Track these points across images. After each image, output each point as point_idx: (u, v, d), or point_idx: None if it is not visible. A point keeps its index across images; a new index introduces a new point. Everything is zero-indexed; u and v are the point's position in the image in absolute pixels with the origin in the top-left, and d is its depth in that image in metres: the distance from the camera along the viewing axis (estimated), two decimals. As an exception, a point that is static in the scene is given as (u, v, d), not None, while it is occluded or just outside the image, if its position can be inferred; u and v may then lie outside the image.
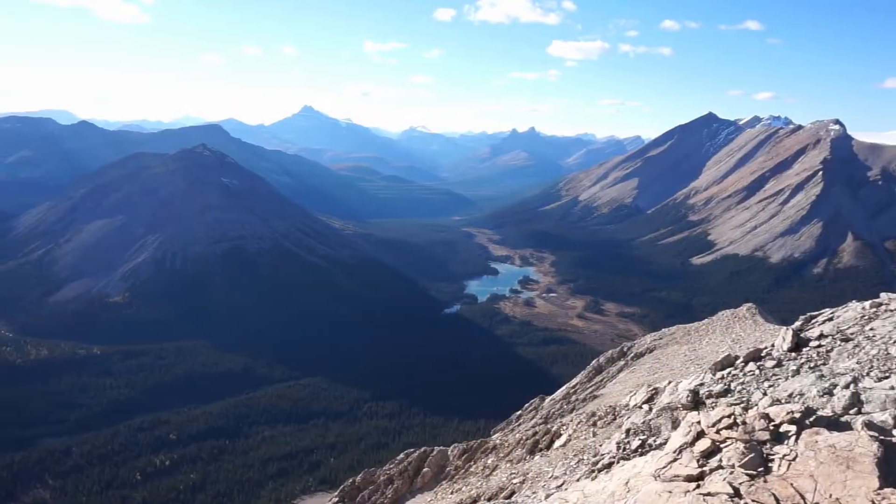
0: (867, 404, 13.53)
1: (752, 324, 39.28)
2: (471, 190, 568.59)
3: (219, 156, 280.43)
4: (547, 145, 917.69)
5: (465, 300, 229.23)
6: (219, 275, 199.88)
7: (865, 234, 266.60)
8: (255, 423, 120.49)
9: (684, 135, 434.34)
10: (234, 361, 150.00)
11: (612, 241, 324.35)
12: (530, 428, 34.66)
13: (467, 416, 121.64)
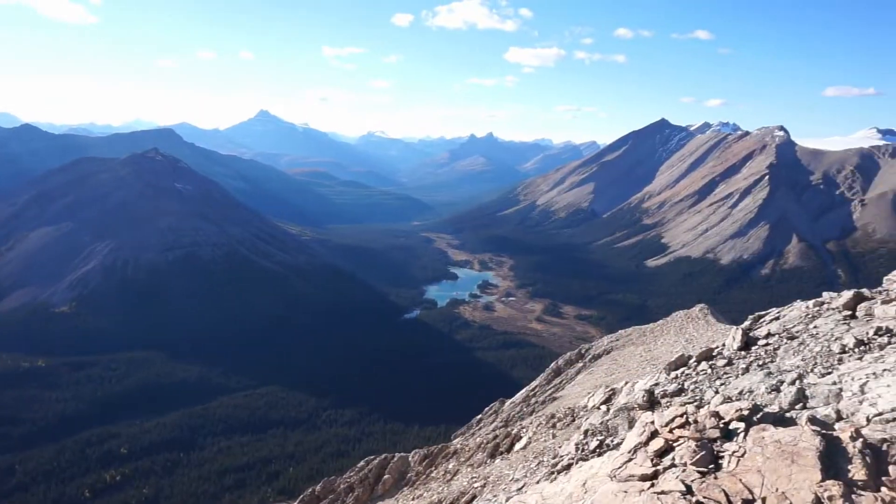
0: (812, 399, 14.06)
1: (705, 324, 40.35)
2: (429, 195, 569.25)
3: (171, 160, 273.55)
4: (505, 150, 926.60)
5: (425, 305, 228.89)
6: (172, 282, 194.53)
7: (809, 236, 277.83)
8: (211, 434, 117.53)
9: (638, 140, 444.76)
10: (188, 371, 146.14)
11: (569, 245, 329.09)
12: (491, 432, 34.80)
13: (428, 421, 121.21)
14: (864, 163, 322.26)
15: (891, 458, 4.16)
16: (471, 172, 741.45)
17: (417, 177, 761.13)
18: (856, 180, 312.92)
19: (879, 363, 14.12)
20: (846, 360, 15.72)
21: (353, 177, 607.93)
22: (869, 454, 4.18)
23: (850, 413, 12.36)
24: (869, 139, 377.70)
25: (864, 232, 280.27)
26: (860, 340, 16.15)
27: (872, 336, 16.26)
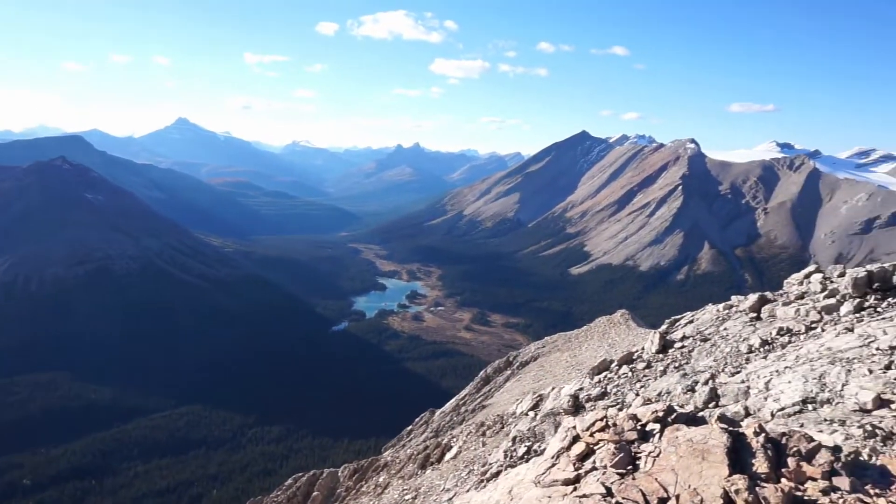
0: (723, 398, 14.91)
1: (626, 329, 41.84)
2: (356, 205, 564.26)
3: (80, 169, 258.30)
4: (431, 161, 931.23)
5: (353, 317, 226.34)
6: (81, 298, 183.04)
7: (719, 243, 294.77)
8: (127, 459, 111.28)
9: (560, 152, 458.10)
10: (100, 393, 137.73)
11: (496, 254, 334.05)
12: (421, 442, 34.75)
13: (358, 435, 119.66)
14: (765, 174, 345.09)
15: (790, 451, 4.50)
16: (398, 182, 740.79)
17: (344, 187, 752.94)
18: (759, 190, 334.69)
19: (782, 361, 15.15)
20: (753, 360, 16.77)
21: (278, 187, 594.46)
22: (770, 448, 4.51)
23: (757, 409, 13.18)
24: (769, 152, 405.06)
25: (767, 238, 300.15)
26: (765, 340, 17.27)
27: (775, 336, 17.43)
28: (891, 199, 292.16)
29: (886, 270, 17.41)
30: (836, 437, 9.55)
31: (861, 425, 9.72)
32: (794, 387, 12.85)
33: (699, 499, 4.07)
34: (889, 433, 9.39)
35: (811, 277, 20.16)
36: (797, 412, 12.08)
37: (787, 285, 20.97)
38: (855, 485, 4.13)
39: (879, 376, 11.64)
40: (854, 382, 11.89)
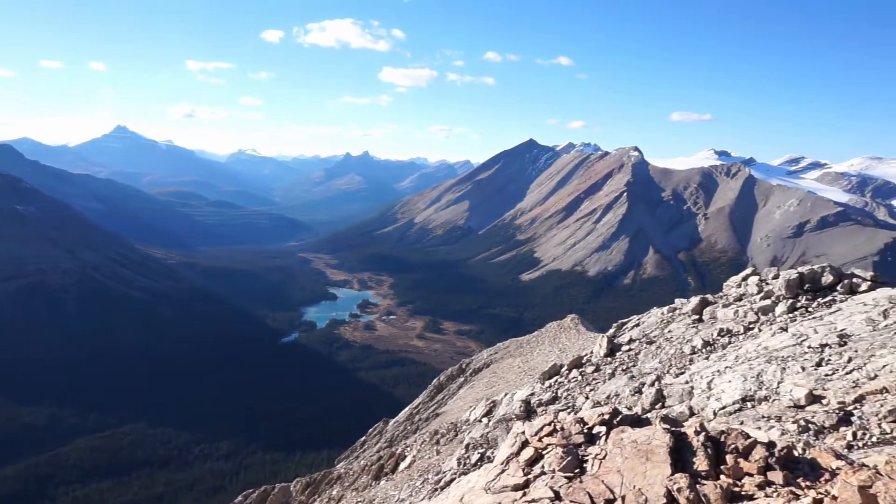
0: (669, 398, 15.40)
1: (576, 333, 42.61)
2: (305, 214, 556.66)
3: (10, 179, 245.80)
4: (381, 169, 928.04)
5: (304, 328, 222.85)
6: (12, 316, 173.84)
7: (663, 248, 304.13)
8: (64, 483, 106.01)
9: (509, 159, 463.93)
10: (34, 415, 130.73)
11: (447, 262, 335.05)
12: (375, 453, 34.46)
13: (310, 448, 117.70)
14: (705, 181, 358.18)
15: (728, 448, 4.71)
16: (347, 191, 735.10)
17: (292, 196, 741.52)
18: (699, 196, 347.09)
19: (723, 361, 15.76)
20: (696, 361, 17.39)
21: (223, 196, 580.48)
22: (710, 446, 4.71)
23: (701, 408, 13.67)
24: (708, 160, 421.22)
25: (708, 243, 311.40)
26: (707, 342, 17.94)
27: (716, 337, 18.13)
28: (819, 204, 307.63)
29: (816, 272, 18.34)
30: (773, 433, 9.99)
31: (795, 421, 10.21)
32: (734, 386, 13.39)
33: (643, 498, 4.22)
34: (821, 427, 9.89)
35: (748, 280, 21.06)
36: (737, 410, 12.58)
37: (727, 288, 21.84)
38: (788, 478, 4.36)
39: (811, 373, 12.25)
40: (789, 380, 12.47)
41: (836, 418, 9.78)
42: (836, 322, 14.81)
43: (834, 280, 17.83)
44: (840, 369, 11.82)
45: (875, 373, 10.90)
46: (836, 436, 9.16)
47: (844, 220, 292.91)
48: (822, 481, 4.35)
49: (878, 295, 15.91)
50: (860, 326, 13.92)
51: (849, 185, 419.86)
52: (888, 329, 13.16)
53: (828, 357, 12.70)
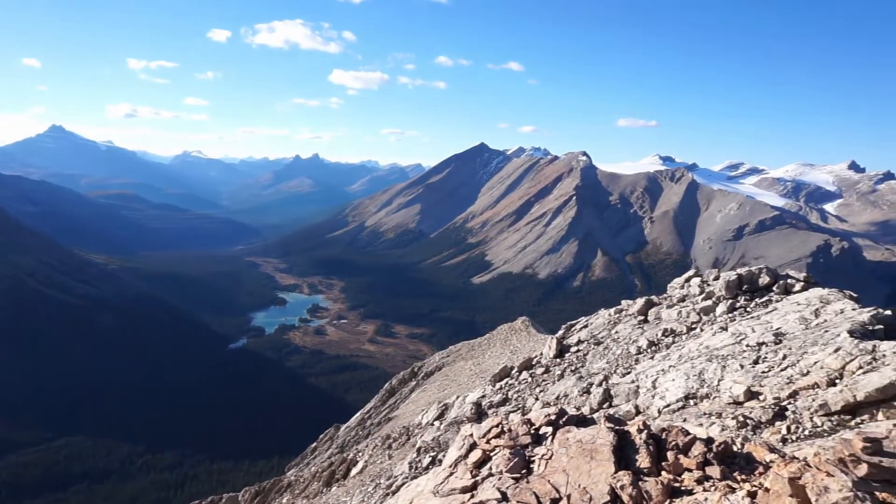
0: (616, 398, 15.77)
1: (527, 335, 43.09)
2: (254, 218, 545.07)
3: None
4: (331, 172, 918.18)
5: (252, 333, 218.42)
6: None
7: (611, 251, 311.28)
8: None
9: (460, 163, 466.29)
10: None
11: (399, 265, 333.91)
12: (326, 459, 34.02)
13: (260, 455, 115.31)
14: (651, 185, 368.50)
15: (669, 445, 4.86)
16: (297, 194, 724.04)
17: (240, 199, 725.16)
18: (645, 200, 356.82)
19: (667, 361, 16.24)
20: (641, 360, 17.86)
21: (168, 199, 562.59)
22: (652, 443, 4.85)
23: (646, 407, 14.04)
24: (653, 164, 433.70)
25: (653, 245, 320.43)
26: (651, 342, 18.45)
27: (661, 337, 18.67)
28: (757, 208, 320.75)
29: (753, 273, 19.11)
30: (714, 429, 10.35)
31: (735, 416, 10.60)
32: (678, 384, 13.82)
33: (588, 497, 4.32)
34: (758, 422, 10.31)
35: (691, 281, 21.76)
36: (681, 408, 12.98)
37: (671, 289, 22.52)
38: (725, 472, 4.53)
39: (749, 371, 12.75)
40: (728, 377, 12.95)
41: (771, 413, 10.21)
42: (772, 321, 15.46)
43: (770, 281, 18.61)
44: (775, 366, 12.33)
45: (807, 369, 11.42)
46: (772, 430, 9.55)
47: (780, 223, 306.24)
48: (757, 474, 4.53)
49: (811, 295, 16.69)
50: (794, 325, 14.58)
51: (784, 190, 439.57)
52: (819, 327, 13.83)
53: (764, 355, 13.24)
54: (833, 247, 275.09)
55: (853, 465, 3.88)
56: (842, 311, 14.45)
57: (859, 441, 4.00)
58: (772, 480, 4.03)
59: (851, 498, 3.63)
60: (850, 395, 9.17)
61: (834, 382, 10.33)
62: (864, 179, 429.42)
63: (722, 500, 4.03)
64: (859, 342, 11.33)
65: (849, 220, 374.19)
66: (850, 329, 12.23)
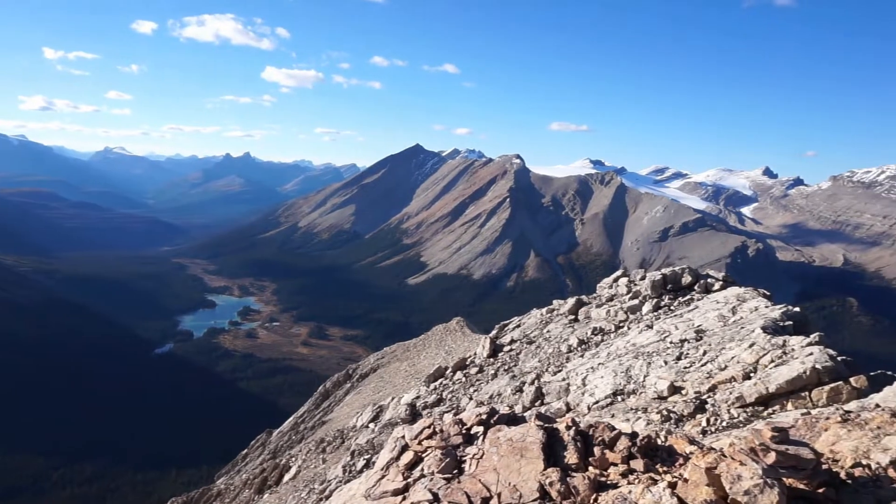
0: (548, 396, 16.13)
1: (462, 335, 43.43)
2: (181, 218, 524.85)
3: None
4: (264, 171, 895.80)
5: (179, 337, 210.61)
6: None
7: (543, 252, 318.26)
8: None
9: (395, 164, 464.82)
10: None
11: (333, 267, 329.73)
12: (258, 465, 33.21)
13: (188, 464, 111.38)
14: (581, 188, 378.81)
15: (596, 441, 5.03)
16: (227, 193, 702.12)
17: (167, 198, 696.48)
18: (576, 203, 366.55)
19: (596, 358, 16.75)
20: (572, 358, 18.35)
21: (88, 198, 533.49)
22: (579, 440, 5.01)
23: (576, 404, 14.44)
24: (584, 168, 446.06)
25: (584, 246, 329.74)
26: (581, 340, 18.98)
27: (590, 336, 19.24)
28: (681, 211, 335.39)
29: (677, 273, 19.97)
30: (640, 424, 10.76)
31: (659, 411, 11.06)
32: (606, 381, 14.29)
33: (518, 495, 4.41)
34: (680, 416, 10.79)
35: (619, 281, 22.54)
36: (609, 404, 13.42)
37: (600, 289, 23.25)
38: (648, 465, 4.73)
39: (673, 367, 13.33)
40: (653, 373, 13.49)
41: (693, 407, 10.70)
42: (694, 319, 16.22)
43: (692, 280, 19.52)
44: (696, 362, 12.95)
45: (725, 364, 12.05)
46: (693, 423, 10.02)
47: (702, 225, 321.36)
48: (678, 466, 4.75)
49: (728, 293, 17.62)
50: (713, 322, 15.34)
51: (705, 193, 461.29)
52: (736, 324, 14.61)
53: (686, 351, 13.88)
54: (749, 248, 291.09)
55: (763, 454, 4.13)
56: (756, 308, 15.31)
57: (768, 431, 4.26)
58: (690, 471, 4.23)
59: (761, 485, 3.86)
60: (763, 387, 9.72)
61: (749, 376, 10.94)
62: (777, 185, 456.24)
63: (644, 492, 4.20)
64: (771, 337, 12.04)
65: (763, 223, 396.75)
66: (764, 325, 12.97)
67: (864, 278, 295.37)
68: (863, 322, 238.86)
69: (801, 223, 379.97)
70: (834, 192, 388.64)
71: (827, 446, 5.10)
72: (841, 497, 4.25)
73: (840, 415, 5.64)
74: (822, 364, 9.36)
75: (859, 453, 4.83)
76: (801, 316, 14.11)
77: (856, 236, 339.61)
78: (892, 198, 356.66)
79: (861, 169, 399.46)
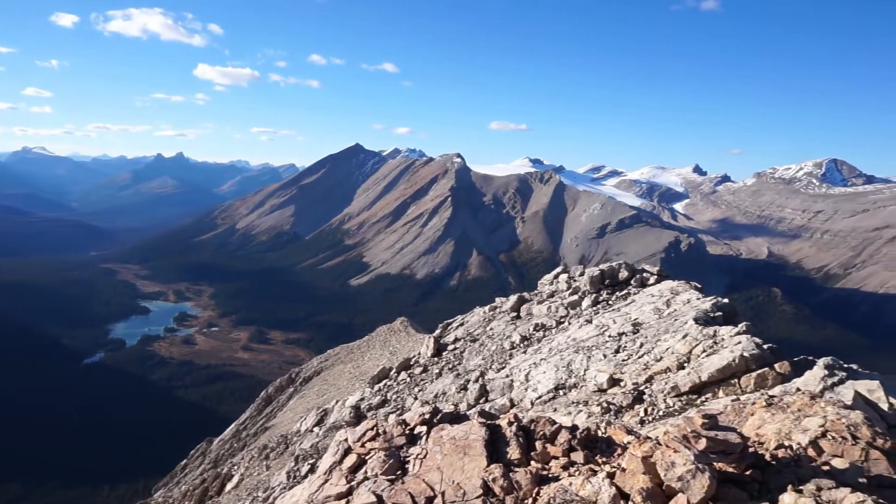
0: (492, 393, 16.32)
1: (406, 335, 43.43)
2: (110, 221, 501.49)
3: None
4: (198, 172, 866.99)
5: (111, 346, 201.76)
6: None
7: (485, 250, 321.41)
8: None
9: (335, 163, 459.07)
10: None
11: (273, 269, 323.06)
12: (198, 476, 32.24)
13: (122, 478, 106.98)
14: (522, 186, 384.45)
15: (537, 435, 5.13)
16: (160, 195, 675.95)
17: (94, 200, 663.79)
18: (517, 201, 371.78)
19: (538, 354, 17.06)
20: (515, 355, 18.61)
21: (5, 200, 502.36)
22: (521, 435, 5.10)
23: (520, 400, 14.66)
24: (524, 167, 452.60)
25: (525, 244, 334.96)
26: (524, 337, 19.28)
27: (532, 332, 19.57)
28: (618, 208, 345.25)
29: (614, 268, 20.56)
30: (581, 417, 11.04)
31: (599, 403, 11.37)
32: (548, 376, 14.57)
33: (462, 492, 4.45)
34: (619, 407, 11.13)
35: (559, 277, 23.02)
36: (552, 398, 13.70)
37: (541, 285, 23.68)
38: (587, 457, 4.87)
39: (611, 359, 13.73)
40: (593, 367, 13.86)
41: (631, 398, 11.06)
42: (631, 312, 16.75)
43: (629, 275, 20.14)
44: (634, 354, 13.38)
45: (661, 355, 12.50)
46: (632, 413, 10.35)
47: (638, 221, 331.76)
48: (616, 456, 4.91)
49: (663, 287, 18.27)
50: (649, 315, 15.88)
51: (640, 191, 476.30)
52: (670, 316, 15.17)
53: (624, 344, 14.32)
54: (682, 243, 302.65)
55: (694, 440, 4.32)
56: (689, 301, 15.94)
57: (699, 418, 4.46)
58: (628, 460, 4.38)
59: (693, 470, 4.04)
60: (696, 376, 10.14)
61: (683, 366, 11.39)
62: (706, 181, 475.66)
63: (584, 484, 4.32)
64: (703, 328, 12.57)
65: (694, 218, 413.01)
66: (696, 317, 13.52)
67: (787, 269, 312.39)
68: (786, 311, 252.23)
69: (728, 218, 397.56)
70: (758, 189, 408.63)
71: (753, 430, 5.37)
72: (766, 477, 4.49)
73: (765, 400, 5.95)
74: (749, 352, 9.83)
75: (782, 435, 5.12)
76: (729, 307, 14.78)
77: (778, 230, 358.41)
78: (809, 193, 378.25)
79: (782, 166, 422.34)
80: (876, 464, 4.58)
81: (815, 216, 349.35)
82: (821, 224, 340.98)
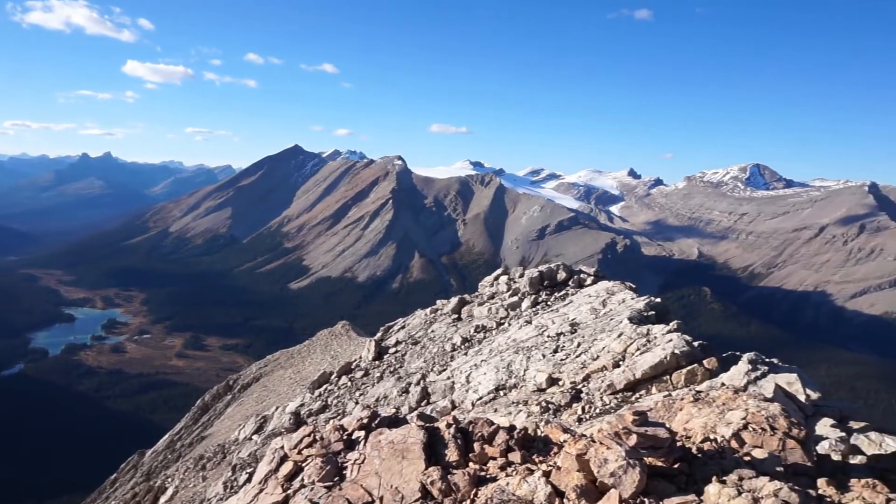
0: (433, 395, 16.37)
1: (348, 339, 42.97)
2: (30, 224, 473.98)
3: None
4: (128, 173, 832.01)
5: (31, 357, 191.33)
6: None
7: (427, 252, 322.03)
8: None
9: (274, 165, 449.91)
10: None
11: (209, 273, 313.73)
12: (129, 490, 30.96)
13: (46, 496, 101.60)
14: (462, 189, 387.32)
15: (475, 436, 5.19)
16: (86, 197, 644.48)
17: (12, 202, 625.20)
18: (458, 203, 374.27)
19: (479, 356, 17.22)
20: (456, 357, 18.73)
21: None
22: (459, 437, 5.15)
23: (461, 401, 14.77)
24: (465, 169, 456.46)
25: (467, 246, 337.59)
26: (465, 338, 19.43)
27: (473, 333, 19.74)
28: (557, 210, 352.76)
29: (552, 270, 20.99)
30: (521, 417, 11.21)
31: (539, 403, 11.58)
32: (489, 377, 14.73)
33: (400, 496, 4.46)
34: (558, 406, 11.36)
35: (499, 279, 23.32)
36: (492, 399, 13.86)
37: (482, 287, 23.93)
38: (525, 457, 4.96)
39: (550, 359, 14.00)
40: (533, 367, 14.10)
41: (569, 397, 11.32)
42: (569, 312, 17.14)
43: (567, 276, 20.60)
44: (572, 354, 13.70)
45: (597, 354, 12.85)
46: (570, 412, 10.59)
47: (576, 224, 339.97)
48: (553, 455, 5.03)
49: (599, 287, 18.78)
50: (586, 315, 16.29)
51: (578, 193, 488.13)
52: (606, 316, 15.61)
53: (562, 344, 14.63)
54: (618, 244, 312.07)
55: (626, 437, 4.48)
56: (624, 300, 16.44)
57: (630, 415, 4.63)
58: (563, 459, 4.49)
59: (625, 465, 4.19)
60: (630, 374, 10.47)
61: (618, 364, 11.73)
62: (640, 185, 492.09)
63: (521, 483, 4.40)
64: (637, 327, 12.99)
65: (630, 220, 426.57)
66: (630, 316, 13.96)
67: (715, 269, 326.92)
68: (715, 309, 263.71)
69: (661, 220, 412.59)
70: (688, 192, 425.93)
71: (681, 425, 5.61)
72: (693, 470, 4.70)
73: (693, 395, 6.22)
74: (679, 349, 10.23)
75: (707, 429, 5.36)
76: (662, 306, 15.33)
77: (707, 231, 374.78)
78: (735, 196, 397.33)
79: (710, 170, 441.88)
80: (792, 452, 4.87)
81: (741, 218, 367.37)
82: (746, 226, 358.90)
